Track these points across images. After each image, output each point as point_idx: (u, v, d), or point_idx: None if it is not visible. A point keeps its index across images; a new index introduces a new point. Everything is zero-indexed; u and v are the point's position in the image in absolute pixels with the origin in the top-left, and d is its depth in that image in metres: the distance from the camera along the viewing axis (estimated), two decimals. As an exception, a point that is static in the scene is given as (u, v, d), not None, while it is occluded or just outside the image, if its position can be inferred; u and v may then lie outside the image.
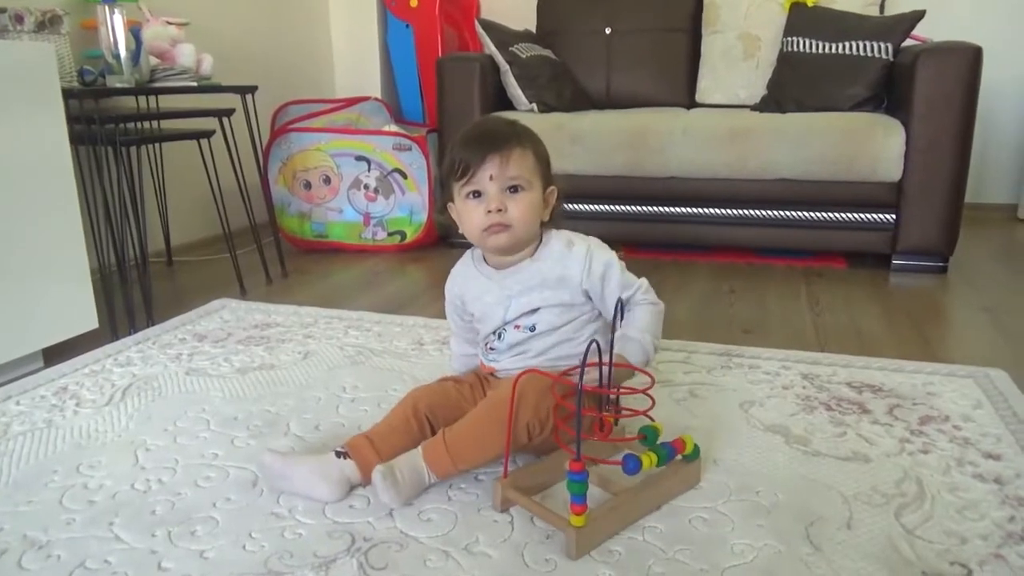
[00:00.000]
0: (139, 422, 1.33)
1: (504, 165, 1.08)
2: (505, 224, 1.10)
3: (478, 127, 1.15)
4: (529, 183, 1.11)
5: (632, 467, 0.97)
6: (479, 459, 1.06)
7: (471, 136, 1.12)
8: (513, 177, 1.09)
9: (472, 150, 1.09)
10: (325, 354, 1.64)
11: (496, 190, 1.09)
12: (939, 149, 2.21)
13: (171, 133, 2.10)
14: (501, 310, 1.17)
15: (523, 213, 1.10)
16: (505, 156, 1.08)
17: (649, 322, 1.17)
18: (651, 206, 2.50)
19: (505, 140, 1.10)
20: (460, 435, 1.05)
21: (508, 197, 1.10)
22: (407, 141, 2.60)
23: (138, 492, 1.10)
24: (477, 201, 1.11)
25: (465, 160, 1.09)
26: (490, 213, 1.09)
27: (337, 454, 1.08)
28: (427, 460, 1.04)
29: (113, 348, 1.69)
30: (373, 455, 1.07)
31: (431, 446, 1.05)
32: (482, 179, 1.09)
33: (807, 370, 1.52)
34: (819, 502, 1.04)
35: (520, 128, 1.14)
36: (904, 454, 1.18)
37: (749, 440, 1.23)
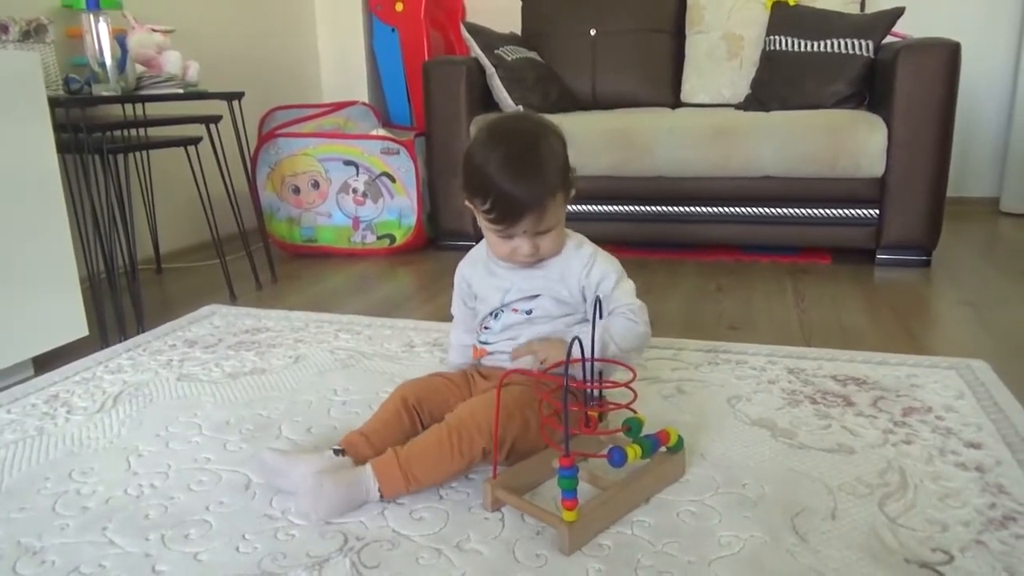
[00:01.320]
0: (131, 428, 1.33)
1: (538, 223, 1.09)
2: (536, 260, 1.15)
3: (510, 164, 1.06)
4: (559, 220, 1.12)
5: (618, 459, 0.99)
6: (434, 481, 1.06)
7: (507, 181, 1.05)
8: (543, 229, 1.10)
9: (508, 204, 1.06)
10: (316, 358, 1.65)
11: (527, 238, 1.11)
12: (920, 144, 2.23)
13: (158, 140, 2.11)
14: (501, 293, 1.20)
15: (555, 246, 1.14)
16: (539, 213, 1.07)
17: (619, 331, 1.14)
18: (638, 205, 2.52)
19: (539, 195, 1.06)
20: (417, 455, 1.04)
21: (539, 238, 1.11)
22: (395, 145, 2.61)
23: (131, 497, 1.10)
24: (505, 239, 1.12)
25: (500, 210, 1.07)
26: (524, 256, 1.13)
27: (335, 452, 1.09)
28: (378, 477, 1.03)
29: (104, 355, 1.69)
30: (369, 451, 1.09)
31: (383, 464, 1.04)
32: (515, 232, 1.10)
33: (793, 364, 1.54)
34: (804, 494, 1.06)
35: (549, 161, 1.08)
36: (888, 445, 1.20)
37: (736, 434, 1.24)
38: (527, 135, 1.10)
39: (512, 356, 1.16)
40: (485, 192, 1.07)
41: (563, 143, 1.13)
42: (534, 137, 1.10)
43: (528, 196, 1.06)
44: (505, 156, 1.06)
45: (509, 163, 1.06)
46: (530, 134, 1.11)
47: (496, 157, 1.06)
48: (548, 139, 1.11)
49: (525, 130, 1.11)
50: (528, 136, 1.10)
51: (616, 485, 1.02)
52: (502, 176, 1.05)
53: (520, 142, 1.08)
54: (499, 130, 1.11)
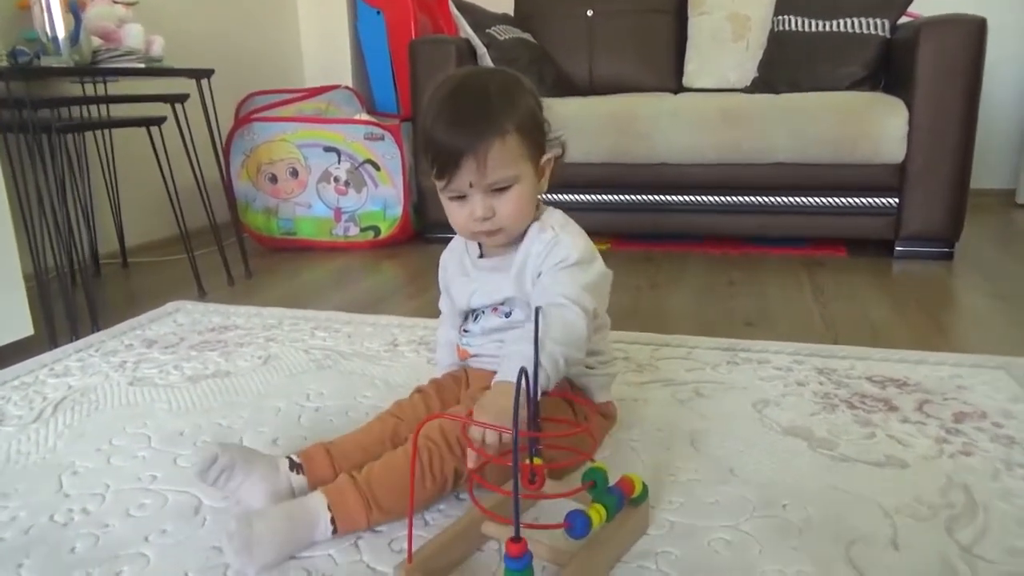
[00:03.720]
0: (69, 441, 1.15)
1: (482, 169, 0.90)
2: (495, 230, 0.95)
3: (447, 107, 0.91)
4: (516, 176, 0.92)
5: (580, 529, 0.75)
6: (401, 511, 0.85)
7: (440, 124, 0.91)
8: (495, 181, 0.91)
9: (442, 149, 0.90)
10: (288, 358, 1.48)
11: (480, 195, 0.92)
12: (943, 128, 2.08)
13: (116, 120, 1.92)
14: (467, 295, 1.04)
15: (514, 211, 0.94)
16: (482, 157, 0.89)
17: (554, 322, 0.89)
18: (640, 195, 2.36)
19: (479, 134, 0.89)
20: (379, 478, 0.85)
21: (495, 198, 0.93)
22: (379, 130, 2.44)
23: (56, 525, 0.92)
24: (460, 203, 0.94)
25: (438, 160, 0.91)
26: (476, 220, 0.94)
27: (291, 465, 0.92)
28: (332, 506, 0.83)
29: (50, 357, 1.51)
30: (329, 473, 0.91)
31: (337, 490, 0.85)
32: (461, 185, 0.92)
33: (822, 364, 1.38)
34: (857, 517, 0.90)
35: (497, 101, 0.91)
36: (944, 457, 1.04)
37: (767, 445, 1.08)
38: (474, 78, 0.97)
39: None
40: (425, 143, 0.93)
41: (528, 92, 0.96)
42: (482, 80, 0.96)
43: (467, 134, 0.89)
44: (444, 98, 0.93)
45: (448, 104, 0.92)
46: (478, 77, 0.98)
47: (436, 102, 0.93)
48: (501, 82, 0.94)
49: (474, 74, 1.00)
50: (476, 79, 0.97)
51: (576, 560, 0.76)
52: (439, 120, 0.91)
53: (465, 84, 0.94)
54: (446, 80, 0.96)
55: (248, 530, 0.78)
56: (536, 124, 0.95)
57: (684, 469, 1.02)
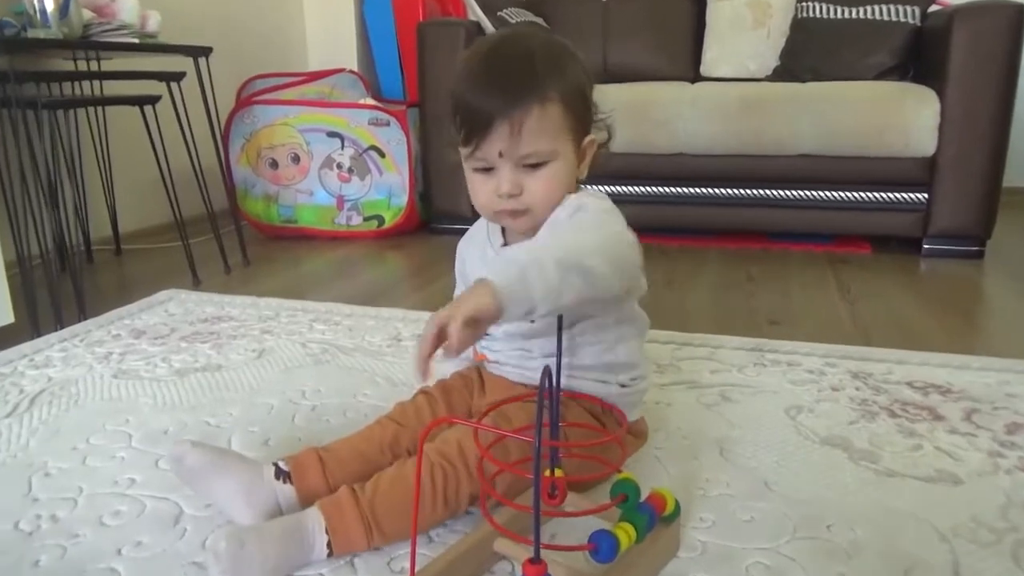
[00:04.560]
0: (43, 439, 1.06)
1: (516, 137, 0.78)
2: (520, 210, 0.82)
3: (483, 64, 0.81)
4: (553, 152, 0.80)
5: (607, 553, 0.65)
6: (405, 535, 0.73)
7: (473, 82, 0.79)
8: (528, 154, 0.79)
9: (473, 109, 0.79)
10: (284, 352, 1.39)
11: (509, 168, 0.80)
12: (976, 120, 1.98)
13: (108, 97, 1.83)
14: None
15: (546, 192, 0.81)
16: (517, 123, 0.77)
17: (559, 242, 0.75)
18: (656, 186, 2.26)
19: (518, 96, 0.77)
20: (384, 500, 0.75)
21: (525, 174, 0.81)
22: (385, 116, 2.34)
23: (22, 534, 0.83)
24: (485, 176, 0.82)
25: (467, 123, 0.79)
26: (501, 197, 0.81)
27: (277, 472, 0.82)
28: (329, 527, 0.74)
29: (31, 347, 1.42)
30: (320, 484, 0.81)
31: (336, 508, 0.75)
32: (489, 153, 0.80)
33: (856, 367, 1.28)
34: (909, 540, 0.80)
35: (542, 63, 0.79)
36: (1000, 472, 0.94)
37: (804, 456, 0.99)
38: (519, 37, 0.86)
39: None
40: (455, 104, 0.81)
41: (578, 62, 0.85)
42: (527, 40, 0.83)
43: (504, 94, 0.78)
44: (483, 56, 0.82)
45: (485, 62, 0.81)
46: (523, 37, 0.86)
47: (472, 60, 0.82)
48: (548, 45, 0.83)
49: (518, 33, 0.90)
50: (520, 38, 0.85)
51: None
52: (473, 76, 0.80)
53: (507, 42, 0.84)
54: (486, 38, 0.86)
55: (238, 550, 0.69)
56: (583, 99, 0.83)
57: (715, 482, 0.92)
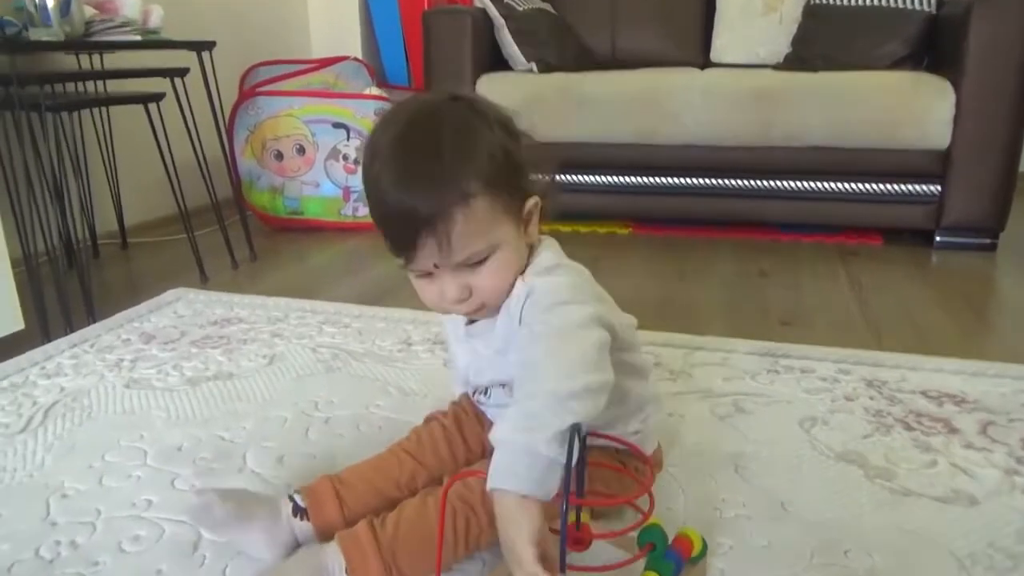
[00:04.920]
0: (59, 456, 1.06)
1: (446, 249, 0.70)
2: (474, 309, 0.77)
3: (395, 167, 0.70)
4: (492, 245, 0.73)
5: None
6: (423, 573, 0.75)
7: (387, 191, 0.70)
8: (466, 258, 0.72)
9: (391, 223, 0.72)
10: (294, 358, 1.39)
11: (449, 274, 0.74)
12: (993, 112, 1.95)
13: (112, 96, 1.81)
14: (463, 367, 0.88)
15: (495, 285, 0.75)
16: (443, 234, 0.69)
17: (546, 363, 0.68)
18: (665, 177, 2.24)
19: (436, 205, 0.68)
20: (405, 541, 0.75)
21: (469, 274, 0.74)
22: (390, 106, 2.31)
23: (43, 562, 0.84)
24: (427, 280, 0.75)
25: (390, 238, 0.73)
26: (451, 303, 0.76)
27: (295, 510, 0.82)
28: (348, 563, 0.73)
29: (42, 354, 1.41)
30: (337, 519, 0.81)
31: (356, 545, 0.74)
32: (424, 266, 0.73)
33: (870, 375, 1.27)
34: (928, 567, 0.81)
35: (453, 154, 0.70)
36: (1016, 492, 0.94)
37: (820, 474, 0.98)
38: (423, 122, 0.72)
39: None
40: (373, 216, 0.74)
41: (491, 125, 0.74)
42: (435, 119, 0.72)
43: (420, 206, 0.69)
44: (390, 149, 0.71)
45: (393, 159, 0.71)
46: (427, 120, 0.72)
47: (381, 152, 0.72)
48: (455, 126, 0.72)
49: (422, 116, 0.73)
50: (428, 119, 0.73)
51: None
52: (383, 182, 0.71)
53: (411, 131, 0.71)
54: (393, 114, 0.75)
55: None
56: (510, 168, 0.74)
57: (731, 502, 0.92)
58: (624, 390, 0.82)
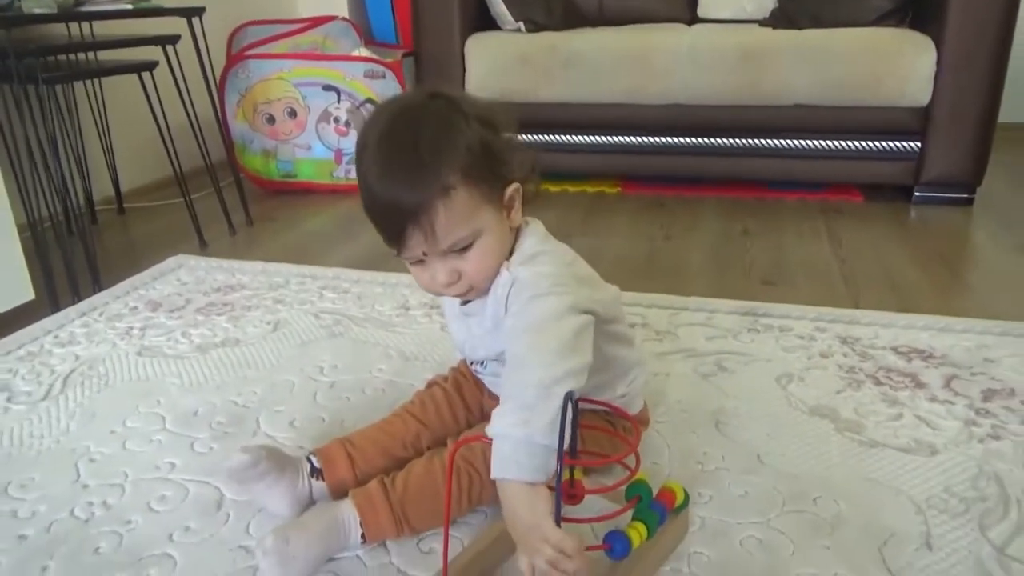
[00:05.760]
0: (82, 422, 1.13)
1: (431, 238, 0.75)
2: (464, 291, 0.83)
3: (379, 165, 0.76)
4: (475, 231, 0.78)
5: (620, 551, 0.72)
6: (431, 526, 0.85)
7: (373, 188, 0.76)
8: (451, 245, 0.77)
9: (382, 220, 0.78)
10: (297, 324, 1.45)
11: (438, 260, 0.79)
12: (973, 69, 1.99)
13: (105, 67, 1.82)
14: (460, 343, 0.94)
15: (481, 268, 0.80)
16: (427, 225, 0.74)
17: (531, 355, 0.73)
18: (653, 136, 2.27)
19: (416, 200, 0.74)
20: (414, 499, 0.83)
21: (456, 259, 0.79)
22: (380, 68, 2.32)
23: (78, 521, 0.91)
24: (420, 267, 0.81)
25: (381, 231, 0.79)
26: (443, 287, 0.81)
27: (312, 471, 0.90)
28: (362, 518, 0.81)
29: (53, 323, 1.47)
30: (350, 478, 0.89)
31: (368, 501, 0.82)
32: (413, 254, 0.79)
33: (845, 332, 1.35)
34: (888, 512, 0.89)
35: (431, 151, 0.74)
36: (973, 441, 1.02)
37: (794, 428, 1.06)
38: (407, 115, 0.78)
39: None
40: (363, 202, 0.80)
41: (468, 118, 0.78)
42: (415, 116, 0.77)
43: (404, 200, 0.74)
44: (375, 147, 0.77)
45: (378, 156, 0.76)
46: (412, 113, 0.78)
47: (368, 150, 0.77)
48: (432, 122, 0.76)
49: (401, 116, 0.78)
50: (408, 116, 0.78)
51: (615, 570, 0.76)
52: (371, 177, 0.77)
53: (393, 128, 0.77)
54: (376, 116, 0.79)
55: (284, 547, 0.77)
56: (488, 157, 0.78)
57: (711, 456, 1.00)
58: (610, 357, 0.89)
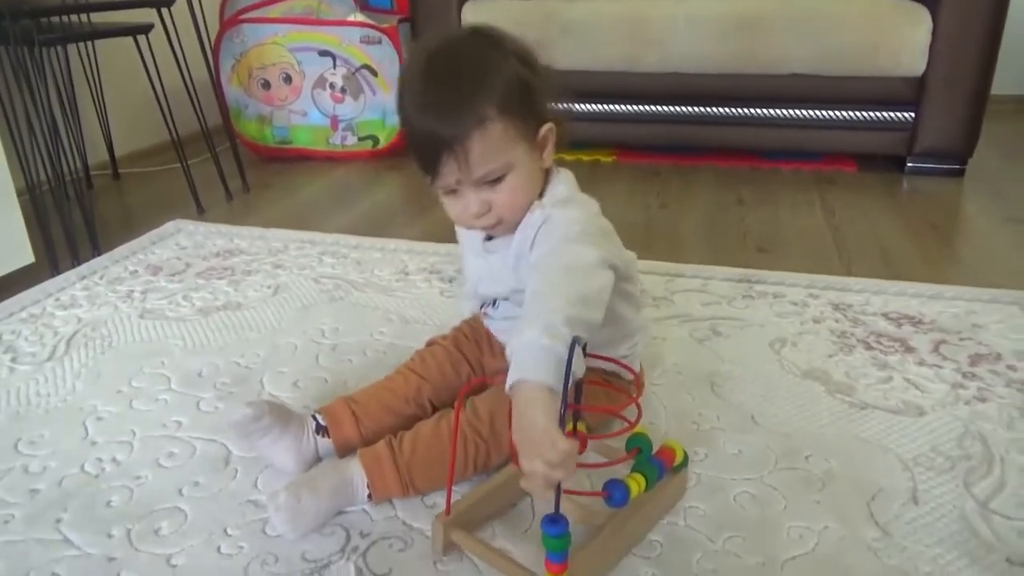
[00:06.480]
0: (88, 382, 1.15)
1: (465, 166, 0.79)
2: (493, 224, 0.85)
3: (417, 92, 0.80)
4: (507, 164, 0.81)
5: (619, 499, 0.74)
6: (436, 487, 0.86)
7: (413, 114, 0.80)
8: (483, 175, 0.80)
9: (419, 145, 0.81)
10: (298, 288, 1.46)
11: (471, 190, 0.82)
12: (968, 40, 2.00)
13: (101, 29, 1.80)
14: (475, 279, 0.96)
15: (512, 202, 0.83)
16: (462, 153, 0.78)
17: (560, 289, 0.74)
18: (649, 105, 2.28)
19: (454, 126, 0.77)
20: (421, 463, 0.85)
21: (489, 191, 0.82)
22: (376, 33, 2.31)
23: (89, 476, 0.93)
24: (453, 197, 0.84)
25: (418, 158, 0.82)
26: (472, 216, 0.84)
27: (317, 427, 0.92)
28: (369, 478, 0.84)
29: (54, 285, 1.48)
30: (355, 435, 0.92)
31: (376, 462, 0.85)
32: (447, 181, 0.82)
33: (837, 298, 1.38)
34: (877, 470, 0.92)
35: (470, 83, 0.78)
36: (960, 403, 1.05)
37: (787, 390, 1.09)
38: (443, 53, 0.82)
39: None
40: (403, 133, 0.84)
41: (508, 55, 0.81)
42: (452, 55, 0.81)
43: (442, 128, 0.78)
44: (415, 78, 0.81)
45: (418, 87, 0.80)
46: (447, 51, 0.82)
47: (408, 82, 0.82)
48: (473, 55, 0.81)
49: (443, 48, 0.82)
50: (445, 54, 0.81)
51: (611, 522, 0.78)
52: (411, 107, 0.80)
53: (434, 61, 0.81)
54: (417, 52, 0.84)
55: (296, 503, 0.80)
56: (525, 94, 0.81)
57: (706, 417, 1.03)
58: (617, 315, 0.91)
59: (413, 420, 0.92)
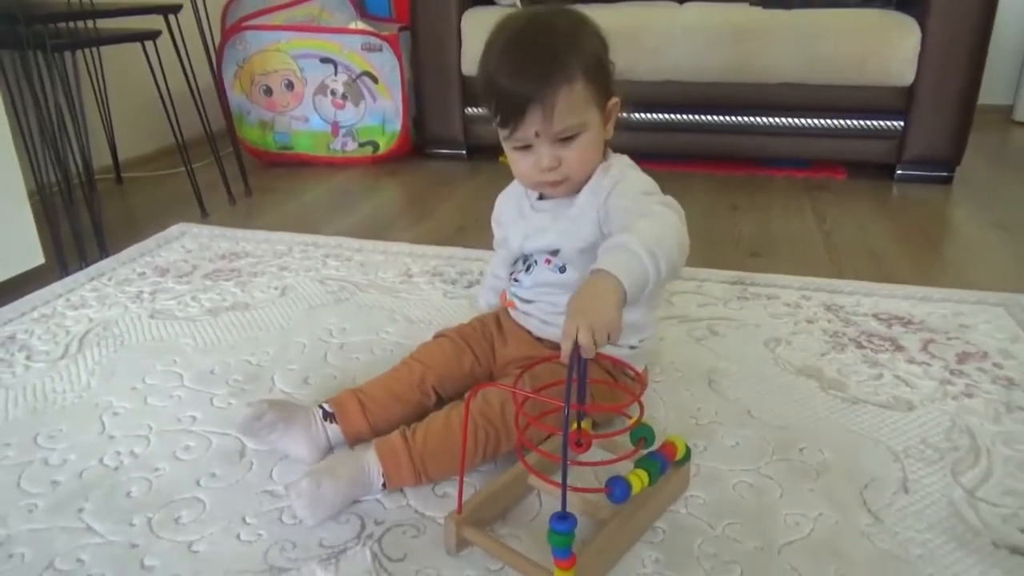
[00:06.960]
0: (102, 379, 1.17)
1: (549, 118, 0.86)
2: (559, 180, 0.93)
3: (510, 51, 0.88)
4: (583, 124, 0.89)
5: (620, 495, 0.77)
6: (448, 476, 0.90)
7: (503, 70, 0.87)
8: (562, 130, 0.88)
9: (507, 97, 0.87)
10: (304, 289, 1.49)
11: (546, 145, 0.89)
12: (956, 50, 2.06)
13: (111, 35, 1.84)
14: (521, 237, 1.01)
15: (581, 161, 0.92)
16: (549, 105, 0.85)
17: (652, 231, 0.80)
18: (644, 112, 2.32)
19: (547, 80, 0.85)
20: (433, 451, 0.88)
21: (561, 147, 0.90)
22: (377, 40, 2.35)
23: (108, 469, 0.96)
24: (524, 153, 0.92)
25: (502, 109, 0.88)
26: (541, 171, 0.91)
27: (325, 415, 0.96)
28: (384, 467, 0.88)
29: (63, 286, 1.50)
30: (363, 424, 0.95)
31: (390, 452, 0.88)
32: (526, 134, 0.89)
33: (829, 300, 1.42)
34: (869, 460, 0.96)
35: (564, 44, 0.87)
36: (948, 398, 1.10)
37: (781, 386, 1.13)
38: (539, 19, 0.91)
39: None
40: (487, 89, 0.90)
41: (594, 33, 0.92)
42: (548, 22, 0.91)
43: (533, 81, 0.85)
44: (507, 41, 0.89)
45: (510, 48, 0.89)
46: (543, 19, 0.91)
47: (498, 45, 0.90)
48: (567, 24, 0.91)
49: (538, 16, 0.92)
50: (540, 21, 0.91)
51: (618, 516, 0.81)
52: (502, 64, 0.88)
53: (530, 27, 0.90)
54: (508, 20, 0.92)
55: (316, 490, 0.83)
56: (603, 67, 0.91)
57: (705, 411, 1.07)
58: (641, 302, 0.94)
59: (418, 407, 0.97)
